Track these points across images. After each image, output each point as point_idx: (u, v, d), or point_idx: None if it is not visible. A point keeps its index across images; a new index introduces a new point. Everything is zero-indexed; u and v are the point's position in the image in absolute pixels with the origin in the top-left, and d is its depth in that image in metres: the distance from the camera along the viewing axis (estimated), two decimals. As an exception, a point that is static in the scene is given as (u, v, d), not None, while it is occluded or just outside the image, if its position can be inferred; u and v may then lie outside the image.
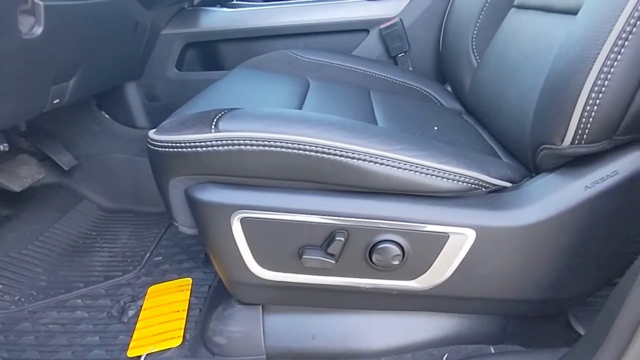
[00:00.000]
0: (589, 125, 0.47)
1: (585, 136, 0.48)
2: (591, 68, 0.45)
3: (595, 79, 0.45)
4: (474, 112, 0.91)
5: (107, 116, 1.24)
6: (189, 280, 0.90)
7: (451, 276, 0.58)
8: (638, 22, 0.43)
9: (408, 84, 1.01)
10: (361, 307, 0.66)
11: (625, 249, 0.54)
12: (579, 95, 0.46)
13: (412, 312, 0.67)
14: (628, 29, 0.43)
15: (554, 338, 0.67)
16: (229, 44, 1.14)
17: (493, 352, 0.67)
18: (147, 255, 1.01)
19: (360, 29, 1.09)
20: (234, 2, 1.37)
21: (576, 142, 0.49)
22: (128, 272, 0.96)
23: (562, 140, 0.50)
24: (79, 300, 0.88)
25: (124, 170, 1.23)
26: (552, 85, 0.51)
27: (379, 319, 0.67)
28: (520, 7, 0.80)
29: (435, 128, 0.76)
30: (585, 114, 0.47)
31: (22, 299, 0.89)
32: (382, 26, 1.06)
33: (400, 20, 1.06)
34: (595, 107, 0.46)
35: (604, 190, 0.50)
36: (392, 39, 1.07)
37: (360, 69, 1.00)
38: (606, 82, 0.45)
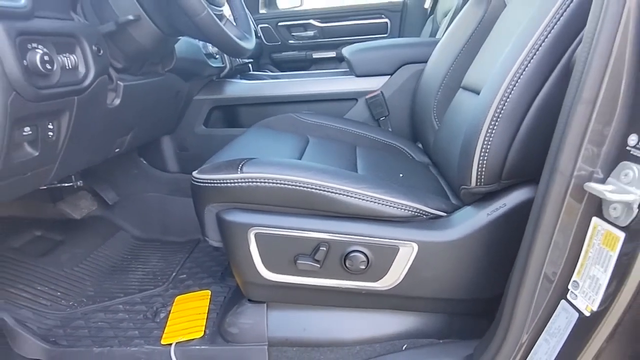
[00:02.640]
0: (483, 172, 0.73)
1: (482, 180, 0.74)
2: (480, 133, 0.71)
3: (483, 141, 0.71)
4: (436, 164, 1.17)
5: (144, 162, 1.51)
6: (208, 292, 1.12)
7: (404, 279, 0.81)
8: (505, 105, 0.70)
9: (387, 142, 1.28)
10: (340, 305, 0.89)
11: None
12: (474, 151, 0.72)
13: (378, 311, 0.89)
14: (500, 107, 0.70)
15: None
16: (246, 108, 1.44)
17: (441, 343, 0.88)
18: (174, 274, 1.24)
19: (351, 98, 1.39)
20: (251, 72, 1.70)
21: (478, 183, 0.74)
22: (158, 286, 1.19)
23: (471, 182, 0.76)
24: (120, 306, 1.11)
25: (155, 207, 1.49)
26: (463, 144, 0.78)
27: (354, 315, 0.89)
28: (464, 87, 1.08)
29: (401, 175, 1.02)
30: (480, 164, 0.72)
31: (76, 304, 1.12)
32: (367, 97, 1.36)
33: (382, 92, 1.36)
34: (485, 161, 0.72)
35: (498, 217, 0.75)
36: (375, 107, 1.36)
37: (350, 130, 1.28)
38: (489, 144, 0.71)
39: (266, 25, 2.36)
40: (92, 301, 1.13)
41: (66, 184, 1.17)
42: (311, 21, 2.38)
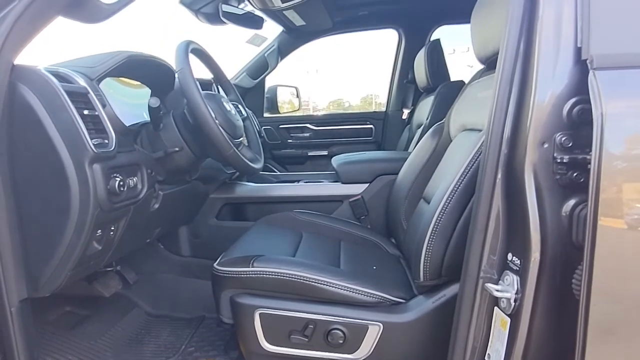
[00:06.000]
0: (427, 270, 1.01)
1: (428, 276, 1.02)
2: (425, 239, 1.01)
3: (427, 245, 1.00)
4: (405, 258, 1.45)
5: (161, 246, 1.77)
6: (214, 362, 1.33)
7: (373, 351, 1.04)
8: (441, 220, 1.00)
9: (366, 237, 1.57)
10: (323, 374, 1.11)
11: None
12: (422, 253, 1.01)
13: (354, 379, 1.11)
14: (437, 221, 1.00)
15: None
16: (252, 205, 1.75)
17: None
18: (183, 346, 1.45)
19: (337, 200, 1.71)
20: (260, 173, 2.03)
21: (425, 279, 1.02)
22: (170, 357, 1.39)
23: (420, 278, 1.04)
24: (138, 374, 1.31)
25: (168, 286, 1.73)
26: (416, 246, 1.07)
27: (334, 383, 1.11)
28: (423, 198, 1.39)
29: (374, 267, 1.29)
30: (425, 263, 1.01)
31: (100, 372, 1.32)
32: (350, 200, 1.68)
33: (362, 196, 1.68)
34: (429, 261, 1.01)
35: (440, 304, 1.01)
36: (357, 208, 1.68)
37: (336, 226, 1.57)
38: (431, 249, 1.00)
39: (269, 127, 2.77)
40: (114, 370, 1.33)
41: (109, 269, 1.43)
42: (307, 125, 2.80)
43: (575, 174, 0.71)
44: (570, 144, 0.71)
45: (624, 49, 0.69)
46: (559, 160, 0.71)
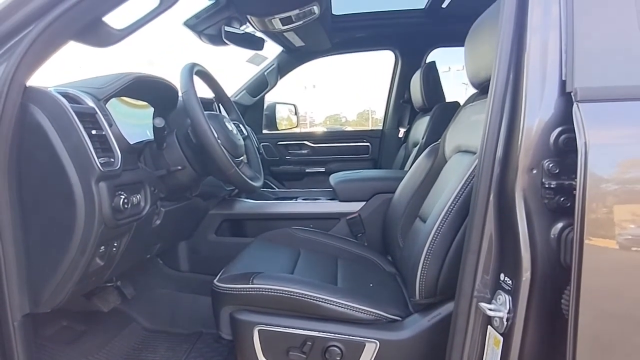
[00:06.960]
0: (423, 288, 1.04)
1: (423, 294, 1.05)
2: (421, 258, 1.04)
3: (423, 264, 1.03)
4: (402, 276, 1.47)
5: (160, 262, 1.79)
6: (211, 379, 1.34)
7: (369, 368, 1.07)
8: (436, 240, 1.03)
9: (363, 255, 1.59)
10: (320, 391, 1.12)
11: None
12: (417, 271, 1.04)
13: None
14: (433, 241, 1.03)
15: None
16: (251, 222, 1.77)
17: None
18: (181, 363, 1.46)
19: (335, 217, 1.74)
20: (260, 190, 2.06)
21: (420, 297, 1.05)
22: (168, 374, 1.40)
23: (416, 296, 1.06)
24: (135, 391, 1.31)
25: (164, 301, 1.73)
26: (412, 265, 1.09)
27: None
28: (419, 217, 1.43)
29: (371, 285, 1.32)
30: (420, 282, 1.04)
31: (97, 388, 1.32)
32: (348, 217, 1.71)
33: (359, 214, 1.71)
34: (424, 279, 1.03)
35: (436, 322, 1.04)
36: (354, 225, 1.71)
37: (333, 243, 1.60)
38: (427, 268, 1.03)
39: (267, 143, 2.81)
40: (111, 386, 1.33)
41: (109, 284, 1.45)
42: (305, 142, 2.85)
43: (562, 199, 0.75)
44: (557, 171, 0.74)
45: (605, 82, 0.74)
46: (546, 186, 0.75)
